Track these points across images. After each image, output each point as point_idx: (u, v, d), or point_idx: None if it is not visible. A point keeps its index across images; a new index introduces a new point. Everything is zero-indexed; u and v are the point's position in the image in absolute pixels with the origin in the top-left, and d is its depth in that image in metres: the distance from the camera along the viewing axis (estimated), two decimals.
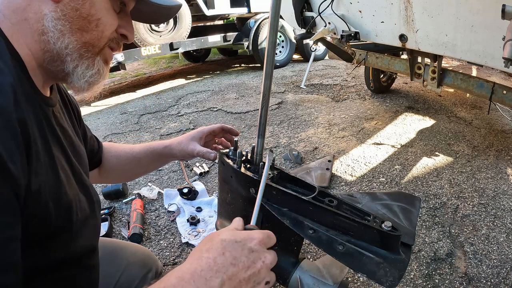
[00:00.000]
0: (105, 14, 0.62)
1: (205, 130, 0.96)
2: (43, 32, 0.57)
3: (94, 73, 0.63)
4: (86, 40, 0.60)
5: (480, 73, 4.64)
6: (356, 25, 2.50)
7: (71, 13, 0.57)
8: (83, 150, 0.77)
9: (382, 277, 0.59)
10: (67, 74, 0.62)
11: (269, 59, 0.73)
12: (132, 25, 0.69)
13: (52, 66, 0.61)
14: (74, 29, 0.58)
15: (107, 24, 0.62)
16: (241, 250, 0.48)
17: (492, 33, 1.71)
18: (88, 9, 0.59)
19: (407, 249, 0.65)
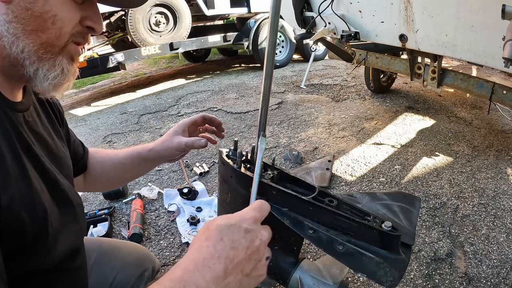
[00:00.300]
0: (61, 9, 0.57)
1: (187, 121, 0.92)
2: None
3: (57, 74, 0.59)
4: (43, 40, 0.56)
5: (480, 73, 4.64)
6: (356, 25, 2.50)
7: (23, 13, 0.53)
8: (64, 153, 0.75)
9: (382, 277, 0.59)
10: (30, 78, 0.59)
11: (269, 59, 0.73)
12: (99, 15, 0.63)
13: (13, 71, 0.58)
14: (28, 30, 0.54)
15: (65, 20, 0.57)
16: (237, 232, 0.48)
17: (492, 33, 1.71)
18: (41, 7, 0.54)
19: (407, 249, 0.65)
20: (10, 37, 0.54)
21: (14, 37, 0.54)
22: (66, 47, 0.60)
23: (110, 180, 1.00)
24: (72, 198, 0.69)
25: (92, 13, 0.62)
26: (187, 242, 1.78)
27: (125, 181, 1.12)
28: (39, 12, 0.54)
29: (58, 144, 0.73)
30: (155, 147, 0.92)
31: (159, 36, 4.88)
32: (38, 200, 0.58)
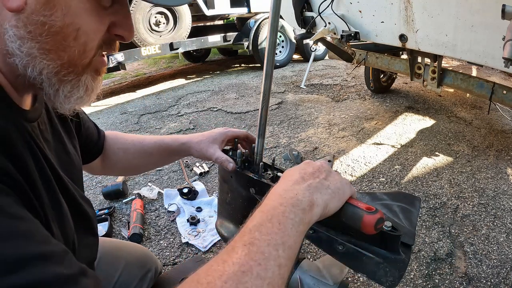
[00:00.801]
0: (86, 19, 0.46)
1: (229, 134, 0.87)
2: (8, 53, 0.45)
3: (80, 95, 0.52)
4: (64, 60, 0.47)
5: (480, 73, 4.64)
6: (356, 25, 2.50)
7: (38, 29, 0.44)
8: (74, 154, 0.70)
9: (382, 277, 0.59)
10: (48, 98, 0.51)
11: (269, 59, 0.73)
12: (130, 19, 0.53)
13: (30, 89, 0.51)
14: (45, 49, 0.45)
15: (90, 32, 0.48)
16: (300, 165, 0.59)
17: (492, 33, 1.71)
18: (61, 20, 0.44)
19: (407, 249, 0.65)
20: (24, 57, 0.45)
21: (29, 57, 0.45)
22: (91, 62, 0.51)
23: (132, 167, 0.97)
24: (87, 210, 0.66)
25: (121, 17, 0.52)
26: (187, 242, 1.78)
27: (148, 169, 1.07)
28: (59, 27, 0.45)
29: (68, 146, 0.68)
30: (189, 143, 0.88)
31: (159, 36, 4.88)
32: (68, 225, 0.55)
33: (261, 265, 0.40)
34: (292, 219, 0.46)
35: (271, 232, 0.44)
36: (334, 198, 0.53)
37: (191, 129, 3.39)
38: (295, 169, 0.57)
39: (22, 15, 0.43)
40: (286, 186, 0.52)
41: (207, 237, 1.79)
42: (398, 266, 0.61)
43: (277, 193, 0.51)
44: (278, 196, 0.50)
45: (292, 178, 0.54)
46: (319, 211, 0.50)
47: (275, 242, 0.43)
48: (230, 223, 0.89)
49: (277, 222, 0.45)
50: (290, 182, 0.53)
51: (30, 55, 0.45)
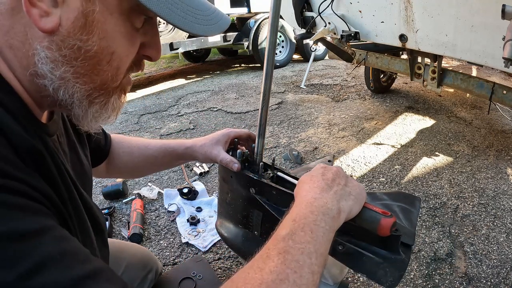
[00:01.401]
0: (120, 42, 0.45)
1: (231, 134, 0.88)
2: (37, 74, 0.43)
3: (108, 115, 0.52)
4: (96, 84, 0.46)
5: (480, 73, 4.64)
6: (356, 25, 2.49)
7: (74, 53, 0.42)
8: (87, 165, 0.71)
9: (382, 277, 0.59)
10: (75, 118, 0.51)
11: (269, 59, 0.73)
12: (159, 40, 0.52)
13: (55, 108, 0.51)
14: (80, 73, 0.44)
15: (123, 56, 0.47)
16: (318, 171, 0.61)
17: (492, 33, 1.71)
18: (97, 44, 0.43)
19: (407, 249, 0.65)
20: (56, 81, 0.43)
21: (62, 81, 0.44)
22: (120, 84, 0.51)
23: (136, 170, 0.98)
24: (102, 222, 0.65)
25: (151, 37, 0.51)
26: (187, 242, 1.78)
27: (152, 172, 1.10)
28: (94, 52, 0.43)
29: (81, 156, 0.68)
30: (193, 147, 0.89)
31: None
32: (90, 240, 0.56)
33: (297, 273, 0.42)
34: (323, 227, 0.49)
35: (304, 240, 0.46)
36: (356, 203, 0.57)
37: (191, 129, 3.39)
38: (317, 176, 0.59)
39: (56, 37, 0.41)
40: (315, 194, 0.54)
41: (207, 237, 1.79)
42: (398, 266, 0.61)
43: (307, 201, 0.53)
44: (309, 204, 0.52)
45: (318, 185, 0.56)
46: (344, 217, 0.54)
47: (309, 251, 0.45)
48: (230, 223, 0.89)
49: (309, 231, 0.47)
50: (318, 190, 0.55)
51: (64, 78, 0.44)
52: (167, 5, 0.44)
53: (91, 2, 0.41)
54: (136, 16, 0.46)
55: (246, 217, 0.83)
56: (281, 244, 0.45)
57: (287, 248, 0.45)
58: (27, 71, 0.43)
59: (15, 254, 0.33)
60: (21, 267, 0.33)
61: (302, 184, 0.59)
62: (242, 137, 0.90)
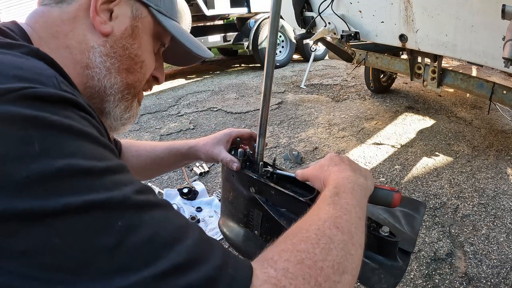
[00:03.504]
0: (148, 56, 0.60)
1: (233, 134, 0.91)
2: (88, 66, 0.53)
3: (130, 116, 0.62)
4: (130, 81, 0.59)
5: (480, 73, 4.64)
6: (356, 25, 2.49)
7: (121, 51, 0.55)
8: None
9: (376, 284, 0.57)
10: (104, 112, 0.59)
11: (270, 59, 0.73)
12: (163, 67, 0.68)
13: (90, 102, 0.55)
14: (121, 68, 0.56)
15: (148, 67, 0.61)
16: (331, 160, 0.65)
17: (492, 33, 1.71)
18: (137, 49, 0.57)
19: (406, 256, 0.63)
20: (104, 70, 0.54)
21: (107, 71, 0.55)
22: (140, 92, 0.63)
23: (144, 172, 1.01)
24: None
25: (159, 64, 0.66)
26: None
27: (159, 174, 1.15)
28: (134, 55, 0.57)
29: None
30: (196, 146, 0.92)
31: None
32: None
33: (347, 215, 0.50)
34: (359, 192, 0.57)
35: (347, 197, 0.54)
36: (372, 183, 0.64)
37: (191, 129, 3.40)
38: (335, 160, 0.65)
39: (109, 39, 0.54)
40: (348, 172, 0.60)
41: None
42: (394, 273, 0.59)
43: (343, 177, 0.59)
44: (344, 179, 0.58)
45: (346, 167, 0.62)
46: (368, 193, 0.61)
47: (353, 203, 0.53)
48: (233, 222, 0.89)
49: (350, 192, 0.55)
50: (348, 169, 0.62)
51: (109, 69, 0.55)
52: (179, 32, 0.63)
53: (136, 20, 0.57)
54: (156, 42, 0.62)
55: (247, 216, 0.83)
56: (328, 200, 0.53)
57: (335, 201, 0.52)
58: (80, 64, 0.53)
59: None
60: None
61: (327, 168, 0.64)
62: (244, 137, 0.92)
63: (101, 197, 0.33)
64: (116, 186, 0.36)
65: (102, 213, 0.33)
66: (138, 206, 0.36)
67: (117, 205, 0.34)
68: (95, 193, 0.33)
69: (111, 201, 0.34)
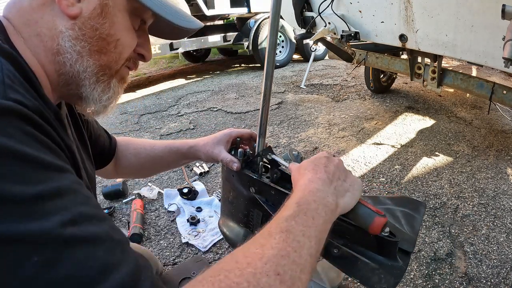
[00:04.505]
0: (124, 34, 0.58)
1: (233, 134, 0.90)
2: (59, 52, 0.53)
3: (109, 96, 0.60)
4: (104, 62, 0.57)
5: (480, 73, 4.64)
6: (356, 25, 2.49)
7: (90, 33, 0.53)
8: (90, 165, 0.75)
9: (376, 284, 0.57)
10: (82, 98, 0.59)
11: (270, 59, 0.73)
12: (150, 44, 0.66)
13: (66, 89, 0.57)
14: (93, 50, 0.55)
15: (126, 45, 0.59)
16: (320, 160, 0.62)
17: (492, 33, 1.71)
18: (108, 29, 0.55)
19: (406, 256, 0.63)
20: (75, 55, 0.53)
21: (78, 55, 0.54)
22: (120, 70, 0.61)
23: (143, 171, 1.02)
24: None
25: (144, 41, 0.64)
26: (187, 242, 1.78)
27: (159, 172, 1.16)
28: (106, 34, 0.55)
29: (82, 154, 0.72)
30: (196, 146, 0.92)
31: None
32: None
33: (296, 252, 0.44)
34: (323, 217, 0.52)
35: (306, 224, 0.49)
36: (352, 200, 0.59)
37: (191, 129, 3.39)
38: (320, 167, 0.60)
39: (78, 21, 0.52)
40: (317, 185, 0.56)
41: (207, 237, 1.79)
42: (394, 273, 0.59)
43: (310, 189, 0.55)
44: (312, 193, 0.54)
45: (321, 177, 0.58)
46: (339, 212, 0.57)
47: (309, 234, 0.48)
48: (233, 222, 0.89)
49: (311, 217, 0.50)
50: (320, 182, 0.57)
51: (80, 53, 0.54)
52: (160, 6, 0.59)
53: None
54: (135, 18, 0.59)
55: (247, 216, 0.83)
56: (284, 224, 0.48)
57: (289, 227, 0.47)
58: (51, 51, 0.52)
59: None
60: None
61: (304, 171, 0.61)
62: (244, 137, 0.92)
63: (19, 229, 0.32)
64: (41, 215, 0.34)
65: (18, 246, 0.32)
66: (61, 241, 0.34)
67: (35, 238, 0.33)
68: (15, 224, 0.32)
69: (30, 234, 0.33)
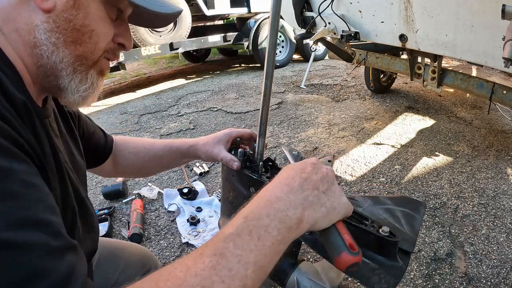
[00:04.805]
0: (99, 25, 0.58)
1: (233, 134, 0.90)
2: (36, 45, 0.54)
3: (87, 87, 0.60)
4: (79, 53, 0.57)
5: (480, 73, 4.64)
6: (356, 25, 2.50)
7: (64, 24, 0.54)
8: (80, 160, 0.75)
9: (376, 284, 0.57)
10: (61, 89, 0.59)
11: (270, 59, 0.73)
12: (130, 33, 0.66)
13: (46, 81, 0.58)
14: (67, 41, 0.56)
15: (101, 36, 0.59)
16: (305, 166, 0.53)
17: (492, 33, 1.71)
18: (82, 20, 0.56)
19: (406, 256, 0.63)
20: (50, 47, 0.55)
21: (54, 47, 0.55)
22: (98, 61, 0.61)
23: (142, 170, 1.02)
24: (90, 207, 0.71)
25: (123, 30, 0.64)
26: (187, 242, 1.78)
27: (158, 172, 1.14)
28: (80, 25, 0.56)
29: (73, 149, 0.73)
30: (196, 145, 0.92)
31: (159, 36, 4.88)
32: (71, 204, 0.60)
33: (224, 283, 0.38)
34: (274, 236, 0.43)
35: (247, 247, 0.41)
36: (326, 218, 0.50)
37: (191, 129, 3.40)
38: (297, 171, 0.52)
39: (52, 14, 0.54)
40: (280, 193, 0.48)
41: (207, 237, 1.79)
42: (394, 273, 0.59)
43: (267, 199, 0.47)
44: (268, 204, 0.46)
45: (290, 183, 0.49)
46: (306, 228, 0.48)
47: (247, 260, 0.40)
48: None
49: (256, 237, 0.42)
50: (286, 189, 0.49)
51: (56, 45, 0.55)
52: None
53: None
54: (110, 8, 0.60)
55: None
56: (220, 244, 0.41)
57: (224, 251, 0.40)
58: (29, 45, 0.54)
59: None
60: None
61: (281, 173, 0.53)
62: (244, 137, 0.92)
63: None
64: None
65: None
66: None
67: None
68: None
69: None
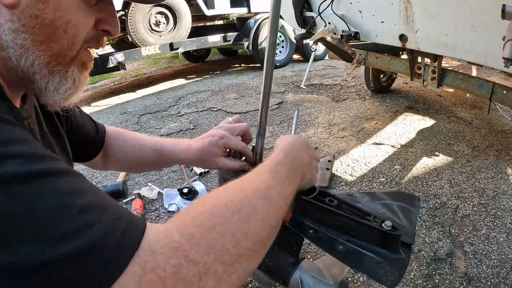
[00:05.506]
0: (75, 14, 0.50)
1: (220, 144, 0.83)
2: (2, 47, 0.48)
3: (68, 87, 0.54)
4: (54, 51, 0.50)
5: (480, 73, 4.63)
6: (356, 25, 2.50)
7: (31, 21, 0.47)
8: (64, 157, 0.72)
9: (383, 277, 0.59)
10: (39, 92, 0.54)
11: (269, 59, 0.73)
12: (115, 16, 0.57)
13: (22, 84, 0.53)
14: (38, 41, 0.48)
15: (79, 26, 0.51)
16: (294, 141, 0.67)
17: (492, 33, 1.71)
18: (52, 13, 0.48)
19: (407, 248, 0.65)
20: (18, 49, 0.48)
21: (23, 49, 0.48)
22: (78, 55, 0.55)
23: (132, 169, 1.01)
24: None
25: (107, 14, 0.56)
26: None
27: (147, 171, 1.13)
28: (50, 20, 0.48)
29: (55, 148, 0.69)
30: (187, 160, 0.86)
31: (159, 36, 4.88)
32: None
33: (282, 187, 0.53)
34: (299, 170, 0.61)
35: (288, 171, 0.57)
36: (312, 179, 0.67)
37: (191, 129, 3.40)
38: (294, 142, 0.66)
39: (16, 10, 0.46)
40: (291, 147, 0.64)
41: None
42: (399, 265, 0.61)
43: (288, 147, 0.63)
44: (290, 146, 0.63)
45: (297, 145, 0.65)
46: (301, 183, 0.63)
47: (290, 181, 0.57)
48: None
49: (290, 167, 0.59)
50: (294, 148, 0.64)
51: (24, 46, 0.48)
52: None
53: None
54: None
55: None
56: (271, 167, 0.57)
57: (277, 169, 0.56)
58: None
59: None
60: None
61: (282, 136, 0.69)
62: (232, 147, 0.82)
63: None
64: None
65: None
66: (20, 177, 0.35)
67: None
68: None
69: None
